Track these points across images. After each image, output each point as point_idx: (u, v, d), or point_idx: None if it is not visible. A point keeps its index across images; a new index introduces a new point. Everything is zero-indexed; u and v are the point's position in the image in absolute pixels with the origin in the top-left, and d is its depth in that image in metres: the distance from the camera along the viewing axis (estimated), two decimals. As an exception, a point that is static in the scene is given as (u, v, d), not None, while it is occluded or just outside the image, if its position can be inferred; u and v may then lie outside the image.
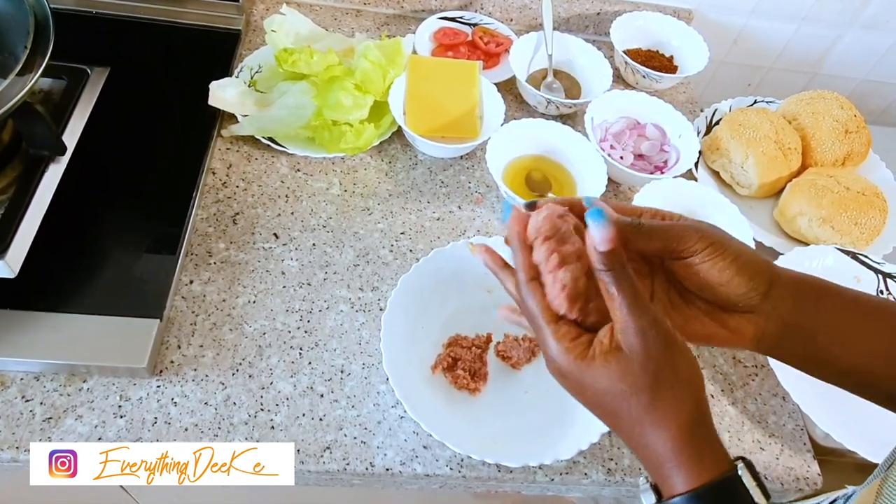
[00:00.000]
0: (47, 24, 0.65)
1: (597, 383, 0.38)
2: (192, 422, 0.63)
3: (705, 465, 0.37)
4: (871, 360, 0.44)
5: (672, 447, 0.37)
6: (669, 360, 0.37)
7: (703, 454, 0.37)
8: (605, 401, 0.39)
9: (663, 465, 0.38)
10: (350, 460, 0.63)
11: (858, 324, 0.45)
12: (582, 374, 0.39)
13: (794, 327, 0.43)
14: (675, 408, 0.37)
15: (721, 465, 0.37)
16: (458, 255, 0.72)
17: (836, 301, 0.45)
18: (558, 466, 0.66)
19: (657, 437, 0.38)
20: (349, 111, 0.83)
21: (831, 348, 0.44)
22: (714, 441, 0.38)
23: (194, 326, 0.68)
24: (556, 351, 0.39)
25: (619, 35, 1.04)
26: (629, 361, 0.37)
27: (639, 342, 0.37)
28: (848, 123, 0.94)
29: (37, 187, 0.66)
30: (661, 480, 0.39)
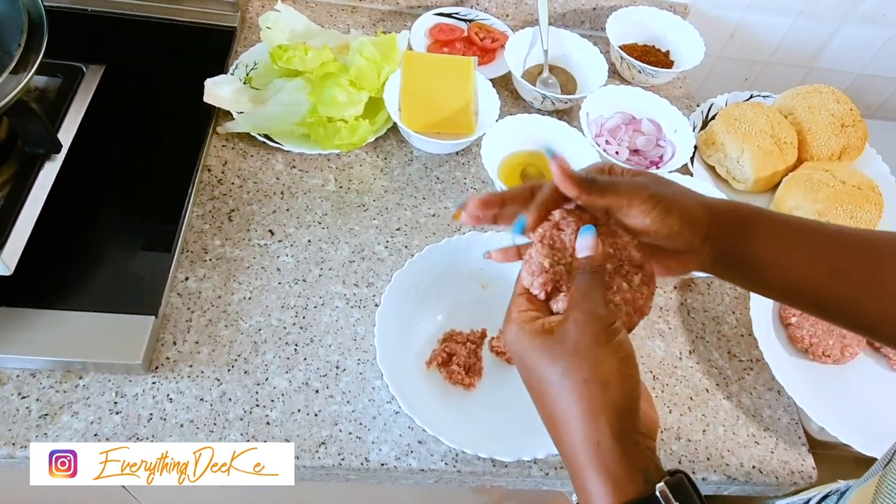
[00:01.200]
0: (41, 21, 0.65)
1: (525, 356, 0.40)
2: (187, 418, 0.63)
3: (619, 482, 0.35)
4: (805, 286, 0.46)
5: (580, 452, 0.36)
6: (591, 353, 0.37)
7: (612, 469, 0.36)
8: (529, 378, 0.41)
9: (577, 472, 0.37)
10: (345, 455, 0.63)
11: (789, 247, 0.46)
12: (517, 341, 0.41)
13: (730, 256, 0.45)
14: (589, 405, 0.37)
15: (636, 483, 0.35)
16: (452, 251, 0.73)
17: (770, 228, 0.46)
18: (552, 461, 0.66)
19: (569, 433, 0.37)
20: (344, 107, 0.83)
21: (767, 271, 0.46)
22: (631, 454, 0.36)
23: (190, 323, 0.69)
24: (510, 316, 0.42)
25: (614, 30, 1.04)
26: (555, 344, 0.39)
27: (569, 331, 0.38)
28: (844, 118, 0.94)
29: (32, 185, 0.66)
30: (578, 493, 0.37)
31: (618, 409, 0.37)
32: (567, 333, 0.39)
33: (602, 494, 0.35)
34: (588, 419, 0.37)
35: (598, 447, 0.36)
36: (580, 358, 0.37)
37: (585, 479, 0.36)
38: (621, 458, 0.36)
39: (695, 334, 0.79)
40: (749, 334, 0.78)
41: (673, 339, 0.78)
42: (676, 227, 0.43)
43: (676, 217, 0.43)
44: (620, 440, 0.36)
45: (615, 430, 0.36)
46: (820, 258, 0.45)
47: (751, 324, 0.77)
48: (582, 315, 0.39)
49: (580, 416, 0.37)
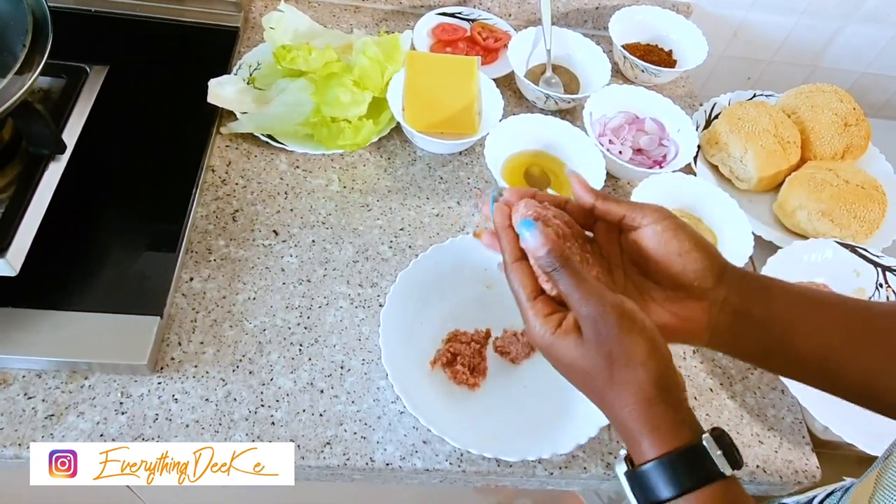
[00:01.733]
0: (46, 22, 0.65)
1: (565, 357, 0.42)
2: (193, 418, 0.63)
3: (669, 437, 0.39)
4: (826, 350, 0.46)
5: (635, 420, 0.40)
6: (621, 343, 0.40)
7: (665, 426, 0.40)
8: (576, 375, 0.43)
9: (630, 436, 0.41)
10: (350, 455, 0.63)
11: (810, 315, 0.46)
12: (554, 346, 0.42)
13: (746, 317, 0.45)
14: (633, 386, 0.40)
15: (684, 436, 0.39)
16: (456, 251, 0.73)
17: (786, 293, 0.47)
18: (557, 460, 0.66)
19: (620, 410, 0.41)
20: (347, 108, 0.83)
21: (785, 338, 0.46)
22: (679, 413, 0.40)
23: (195, 323, 0.69)
24: (532, 324, 0.43)
25: (617, 29, 1.04)
26: (588, 343, 0.41)
27: (590, 329, 0.41)
28: (847, 116, 0.94)
29: (37, 186, 0.66)
30: (631, 449, 0.42)
31: (659, 380, 0.40)
32: (592, 330, 0.41)
33: (656, 447, 0.40)
34: (637, 395, 0.40)
35: (649, 414, 0.40)
36: (616, 350, 0.40)
37: (639, 438, 0.40)
38: (671, 416, 0.40)
39: (699, 334, 0.79)
40: (753, 334, 0.78)
41: (677, 339, 0.78)
42: (688, 245, 0.44)
43: (689, 236, 0.45)
44: (667, 404, 0.40)
45: (661, 397, 0.40)
46: (843, 326, 0.46)
47: (755, 323, 0.77)
48: (599, 309, 0.40)
49: (630, 395, 0.40)
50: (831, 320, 0.46)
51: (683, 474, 0.39)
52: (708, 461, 0.39)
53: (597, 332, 0.40)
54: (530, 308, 0.43)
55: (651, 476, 0.39)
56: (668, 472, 0.39)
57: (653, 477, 0.39)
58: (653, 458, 0.39)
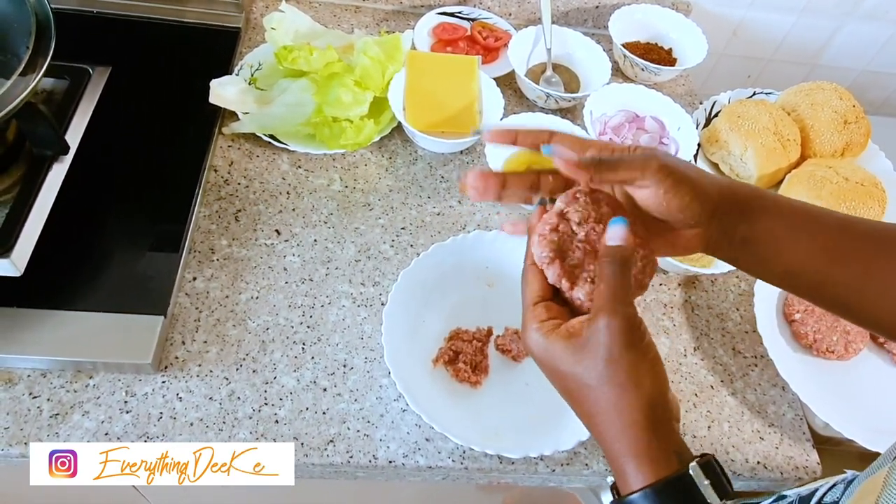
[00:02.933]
0: (49, 24, 0.65)
1: (555, 362, 0.41)
2: (197, 416, 0.63)
3: (655, 465, 0.38)
4: (805, 266, 0.46)
5: (623, 442, 0.39)
6: (624, 358, 0.39)
7: (651, 454, 0.39)
8: (563, 383, 0.41)
9: (614, 459, 0.40)
10: (353, 453, 0.64)
11: (790, 233, 0.46)
12: (544, 351, 0.41)
13: (732, 235, 0.46)
14: (622, 405, 0.39)
15: (671, 465, 0.38)
16: (458, 250, 0.73)
17: (769, 211, 0.46)
18: (559, 457, 0.67)
19: (607, 429, 0.40)
20: (349, 107, 0.83)
21: (767, 254, 0.46)
22: (667, 441, 0.39)
23: (198, 323, 0.69)
24: (528, 326, 0.42)
25: (617, 28, 1.04)
26: (585, 348, 0.39)
27: (599, 334, 0.39)
28: (847, 114, 0.94)
29: (41, 187, 0.66)
30: (617, 476, 0.40)
31: (653, 404, 0.39)
32: (598, 337, 0.39)
33: (642, 476, 0.38)
34: (626, 417, 0.39)
35: (636, 439, 0.39)
36: (615, 364, 0.39)
37: (624, 465, 0.39)
38: (658, 445, 0.39)
39: (699, 331, 0.79)
40: (753, 330, 0.79)
41: (677, 336, 0.78)
42: (687, 199, 0.43)
43: (688, 188, 0.43)
44: (656, 431, 0.39)
45: (651, 423, 0.39)
46: (821, 243, 0.46)
47: (755, 320, 0.77)
48: (613, 320, 0.39)
49: (619, 415, 0.39)
50: (810, 238, 0.46)
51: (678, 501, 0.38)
52: (695, 492, 0.38)
53: (608, 342, 0.39)
54: (530, 311, 0.43)
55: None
56: (660, 500, 0.38)
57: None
58: (639, 488, 0.38)
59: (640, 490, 0.38)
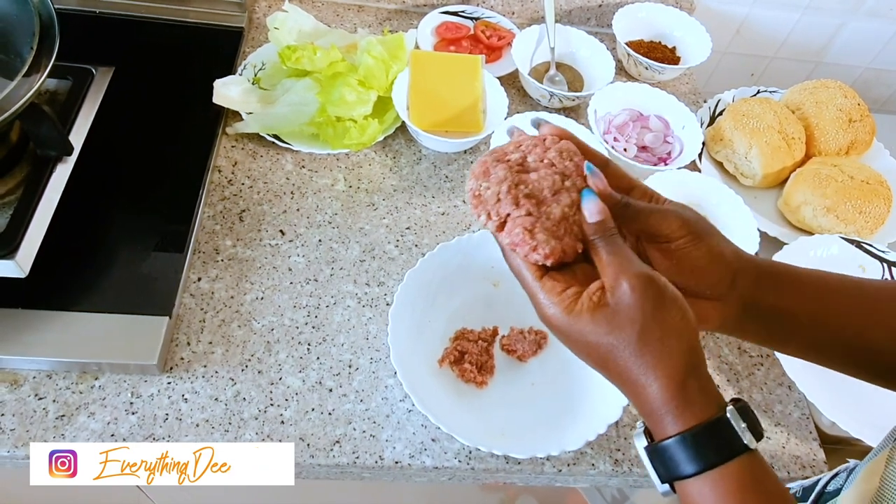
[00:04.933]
0: (52, 24, 0.65)
1: (585, 336, 0.40)
2: (202, 417, 0.63)
3: (694, 411, 0.38)
4: (841, 332, 0.46)
5: (662, 396, 0.39)
6: (657, 314, 0.38)
7: (691, 401, 0.38)
8: (595, 353, 0.40)
9: (654, 411, 0.39)
10: (359, 454, 0.63)
11: (817, 303, 0.46)
12: (570, 327, 0.40)
13: (755, 308, 0.45)
14: (664, 360, 0.39)
15: (710, 409, 0.38)
16: (463, 250, 0.73)
17: (795, 283, 0.47)
18: (566, 457, 0.66)
19: (647, 386, 0.39)
20: (353, 107, 0.83)
21: (796, 324, 0.47)
22: (705, 387, 0.39)
23: (203, 323, 0.69)
24: (545, 305, 0.41)
25: (621, 27, 1.04)
26: (616, 316, 0.39)
27: (627, 298, 0.39)
28: (852, 112, 0.94)
29: (45, 187, 0.66)
30: (653, 425, 0.40)
31: (690, 354, 0.39)
32: (626, 302, 0.39)
33: (683, 422, 0.38)
34: (667, 371, 0.39)
35: (677, 391, 0.39)
36: (650, 322, 0.38)
37: (664, 417, 0.39)
38: (698, 392, 0.39)
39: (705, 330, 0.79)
40: (759, 330, 0.78)
41: (683, 336, 0.78)
42: (703, 262, 0.43)
43: (705, 251, 0.43)
44: (696, 378, 0.39)
45: (692, 373, 0.39)
46: (854, 310, 0.46)
47: (761, 319, 0.77)
48: (635, 280, 0.39)
49: (661, 370, 0.39)
50: (842, 307, 0.46)
51: (708, 449, 0.37)
52: (732, 435, 0.38)
53: (633, 303, 0.38)
54: (540, 288, 0.41)
55: (673, 451, 0.38)
56: (691, 448, 0.38)
57: (675, 452, 0.38)
58: (675, 433, 0.38)
59: (678, 434, 0.38)
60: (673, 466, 0.38)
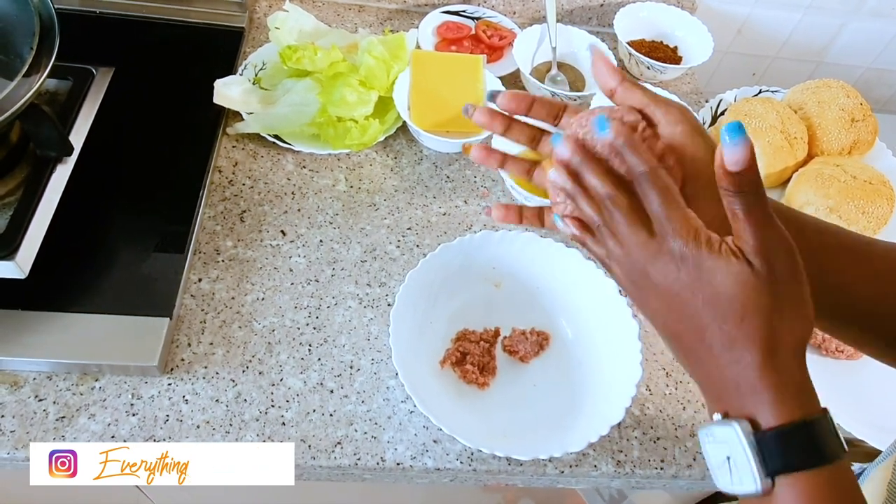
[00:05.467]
0: (52, 24, 0.65)
1: (713, 282, 0.35)
2: (203, 419, 0.63)
3: (801, 401, 0.35)
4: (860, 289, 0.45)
5: (780, 373, 0.35)
6: (794, 288, 0.36)
7: (803, 387, 0.36)
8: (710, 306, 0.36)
9: (750, 394, 0.36)
10: (361, 455, 0.63)
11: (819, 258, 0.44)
12: (701, 263, 0.36)
13: None
14: (792, 337, 0.35)
15: (814, 404, 0.36)
16: (465, 250, 0.73)
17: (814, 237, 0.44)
18: (568, 459, 0.66)
19: (750, 362, 0.35)
20: (354, 107, 0.83)
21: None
22: (809, 380, 0.36)
23: (204, 324, 0.69)
24: (684, 230, 0.36)
25: (622, 26, 1.04)
26: (757, 276, 0.35)
27: (770, 263, 0.35)
28: (854, 112, 0.94)
29: (45, 188, 0.66)
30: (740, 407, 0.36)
31: (807, 337, 0.36)
32: (763, 266, 0.35)
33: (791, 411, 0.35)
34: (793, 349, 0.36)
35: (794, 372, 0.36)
36: (787, 293, 0.35)
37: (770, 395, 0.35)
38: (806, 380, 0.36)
39: (707, 331, 0.79)
40: (762, 330, 0.78)
41: (685, 336, 0.78)
42: (702, 152, 0.40)
43: (703, 143, 0.41)
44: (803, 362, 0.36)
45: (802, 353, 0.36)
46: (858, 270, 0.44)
47: (763, 320, 0.77)
48: (770, 244, 0.35)
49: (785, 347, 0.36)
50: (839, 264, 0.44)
51: (824, 444, 0.34)
52: (836, 435, 0.35)
53: (776, 270, 0.35)
54: (683, 208, 0.37)
55: (786, 441, 0.34)
56: (814, 439, 0.34)
57: (789, 442, 0.34)
58: (785, 422, 0.34)
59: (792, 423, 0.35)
60: (778, 458, 0.34)
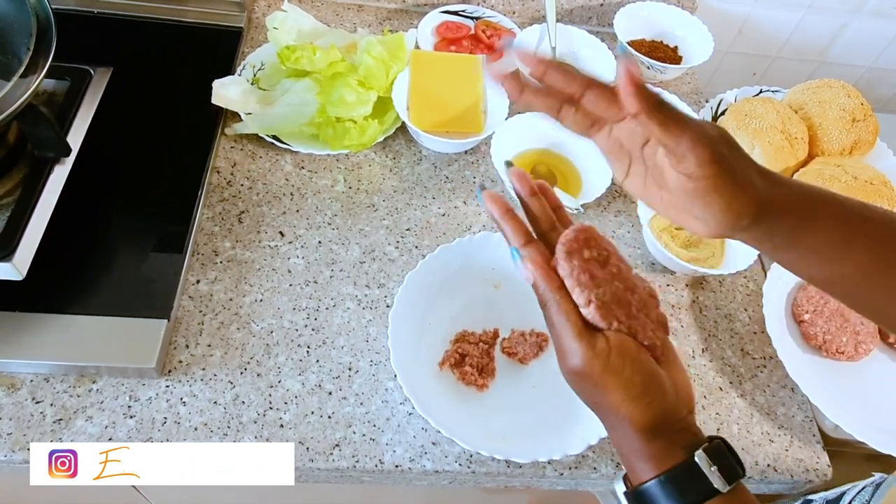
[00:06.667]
0: (49, 25, 0.64)
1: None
2: (201, 421, 0.63)
3: (662, 457, 0.40)
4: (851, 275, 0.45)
5: (631, 443, 0.41)
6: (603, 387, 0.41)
7: (658, 447, 0.40)
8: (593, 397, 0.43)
9: (627, 456, 0.42)
10: (359, 457, 0.63)
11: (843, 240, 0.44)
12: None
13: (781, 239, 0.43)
14: (622, 426, 0.41)
15: (677, 453, 0.40)
16: (464, 251, 0.72)
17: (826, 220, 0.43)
18: (567, 461, 0.66)
19: (624, 433, 0.41)
20: (353, 107, 0.82)
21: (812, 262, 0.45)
22: (673, 431, 0.41)
23: (202, 326, 0.69)
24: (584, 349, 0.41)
25: (622, 26, 1.03)
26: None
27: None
28: (855, 112, 0.93)
29: (42, 189, 0.65)
30: (630, 471, 0.42)
31: (651, 422, 0.41)
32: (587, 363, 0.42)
33: (649, 468, 0.41)
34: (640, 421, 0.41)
35: (654, 435, 0.41)
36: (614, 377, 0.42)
37: (633, 463, 0.42)
38: (677, 434, 0.41)
39: (707, 332, 0.78)
40: (762, 331, 0.78)
41: (685, 338, 0.78)
42: (721, 205, 0.40)
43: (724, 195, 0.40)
44: (671, 422, 0.41)
45: (669, 416, 0.41)
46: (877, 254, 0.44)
47: (764, 321, 0.76)
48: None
49: (623, 430, 0.42)
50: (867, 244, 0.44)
51: (682, 492, 0.39)
52: (702, 478, 0.39)
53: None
54: (583, 340, 0.42)
55: (650, 495, 0.40)
56: (665, 491, 0.39)
57: (652, 496, 0.40)
58: (649, 477, 0.40)
59: (650, 480, 0.40)
60: None
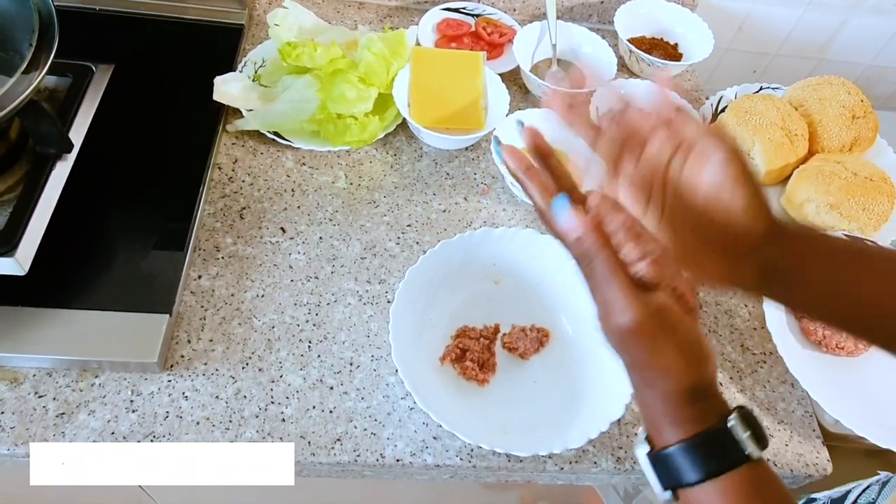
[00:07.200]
0: (52, 21, 0.65)
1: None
2: (203, 415, 0.63)
3: (697, 420, 0.39)
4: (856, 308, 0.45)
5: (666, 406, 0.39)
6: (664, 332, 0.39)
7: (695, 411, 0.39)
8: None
9: (656, 420, 0.40)
10: (361, 452, 0.63)
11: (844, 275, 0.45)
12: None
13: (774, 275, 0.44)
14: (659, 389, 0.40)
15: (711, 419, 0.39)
16: (465, 247, 0.72)
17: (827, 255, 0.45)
18: (568, 455, 0.66)
19: (665, 395, 0.40)
20: (353, 104, 0.83)
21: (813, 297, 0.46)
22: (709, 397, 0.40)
23: (203, 321, 0.69)
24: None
25: (623, 23, 1.04)
26: None
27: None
28: (855, 109, 0.94)
29: (45, 185, 0.66)
30: (656, 434, 0.41)
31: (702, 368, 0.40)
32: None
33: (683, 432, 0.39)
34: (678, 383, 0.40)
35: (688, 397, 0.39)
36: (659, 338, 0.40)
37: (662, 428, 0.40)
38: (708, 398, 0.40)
39: (707, 327, 0.79)
40: (762, 327, 0.78)
41: (686, 333, 0.78)
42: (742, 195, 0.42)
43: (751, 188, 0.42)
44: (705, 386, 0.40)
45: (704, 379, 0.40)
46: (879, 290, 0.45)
47: (763, 316, 0.77)
48: None
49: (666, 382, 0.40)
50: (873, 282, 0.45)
51: (710, 458, 0.38)
52: (735, 444, 0.38)
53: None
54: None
55: (676, 459, 0.39)
56: (693, 456, 0.38)
57: (677, 460, 0.38)
58: (676, 441, 0.39)
59: (679, 442, 0.39)
60: (676, 474, 0.39)
